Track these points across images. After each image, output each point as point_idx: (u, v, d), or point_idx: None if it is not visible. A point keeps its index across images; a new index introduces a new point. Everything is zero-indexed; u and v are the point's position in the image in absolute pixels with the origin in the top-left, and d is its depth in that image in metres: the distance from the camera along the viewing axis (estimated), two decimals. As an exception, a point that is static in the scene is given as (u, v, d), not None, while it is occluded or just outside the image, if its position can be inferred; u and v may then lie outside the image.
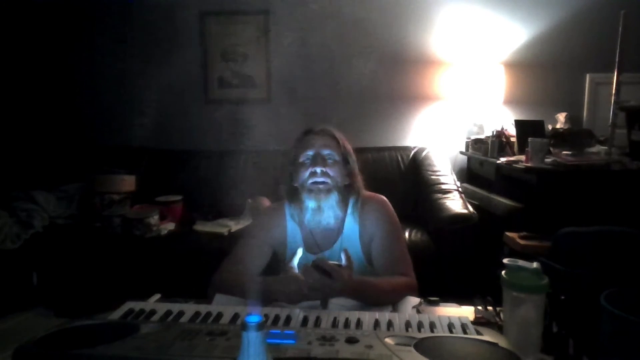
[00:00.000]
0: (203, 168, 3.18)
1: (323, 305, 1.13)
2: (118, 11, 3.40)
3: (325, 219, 1.40)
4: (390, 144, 3.32)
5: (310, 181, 1.39)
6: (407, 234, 2.57)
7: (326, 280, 1.12)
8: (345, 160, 1.45)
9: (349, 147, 1.49)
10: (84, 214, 2.92)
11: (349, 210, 1.44)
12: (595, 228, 1.39)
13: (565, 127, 2.97)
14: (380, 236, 1.41)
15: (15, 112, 3.37)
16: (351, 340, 0.86)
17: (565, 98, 3.24)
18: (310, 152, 1.41)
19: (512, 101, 3.26)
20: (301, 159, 1.42)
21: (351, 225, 1.44)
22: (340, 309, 1.13)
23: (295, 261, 1.23)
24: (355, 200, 1.45)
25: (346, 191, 1.43)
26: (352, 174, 1.45)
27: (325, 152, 1.41)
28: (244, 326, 0.65)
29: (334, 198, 1.39)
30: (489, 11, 3.25)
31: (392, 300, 1.23)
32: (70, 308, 2.31)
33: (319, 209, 1.38)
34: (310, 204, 1.39)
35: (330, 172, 1.39)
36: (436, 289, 1.28)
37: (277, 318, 1.02)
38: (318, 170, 1.38)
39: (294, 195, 1.44)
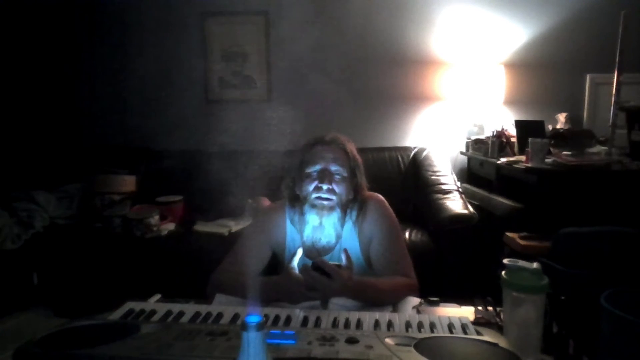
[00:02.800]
0: (203, 168, 3.17)
1: (323, 306, 1.13)
2: (118, 11, 3.40)
3: (325, 236, 1.36)
4: (391, 144, 3.32)
5: (314, 195, 1.35)
6: (407, 234, 2.57)
7: (326, 280, 1.12)
8: (353, 173, 1.41)
9: (359, 158, 1.45)
10: (84, 214, 2.92)
11: (348, 217, 1.42)
12: (595, 228, 1.39)
13: (566, 128, 2.97)
14: (379, 237, 1.40)
15: (15, 113, 3.37)
16: (351, 341, 0.86)
17: (566, 98, 3.24)
18: (318, 166, 1.37)
19: (512, 101, 3.27)
20: (308, 170, 1.38)
21: (350, 228, 1.43)
22: (341, 309, 1.13)
23: (295, 261, 1.22)
24: (357, 209, 1.42)
25: (348, 202, 1.41)
26: (357, 187, 1.41)
27: (334, 167, 1.37)
28: (244, 326, 0.65)
29: (336, 215, 1.35)
30: (489, 11, 3.26)
31: (392, 300, 1.23)
32: (70, 308, 2.31)
33: (320, 225, 1.35)
34: (312, 219, 1.35)
35: (337, 188, 1.36)
36: (436, 289, 1.28)
37: (277, 318, 1.02)
38: (324, 187, 1.34)
39: (296, 201, 1.42)
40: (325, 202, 1.35)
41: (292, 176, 1.43)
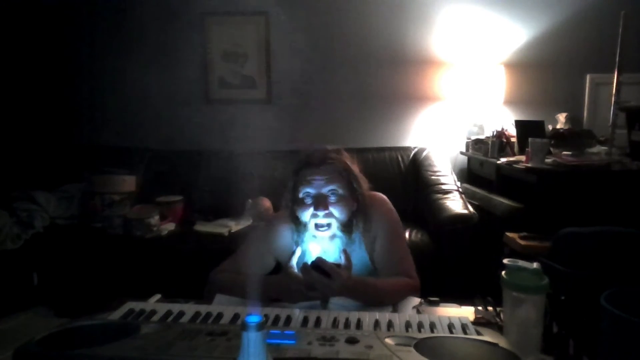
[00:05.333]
0: (203, 168, 3.18)
1: (323, 305, 1.13)
2: (118, 11, 3.40)
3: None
4: (391, 144, 3.32)
5: (312, 222, 1.28)
6: (407, 234, 2.56)
7: (325, 280, 1.12)
8: (351, 186, 1.33)
9: (354, 167, 1.37)
10: (84, 214, 2.92)
11: (354, 227, 1.35)
12: (595, 228, 1.39)
13: (566, 128, 2.96)
14: (382, 237, 1.38)
15: (15, 112, 3.37)
16: (351, 341, 0.86)
17: (566, 98, 3.24)
18: (310, 191, 1.29)
19: (513, 101, 3.27)
20: (301, 195, 1.30)
21: (357, 238, 1.38)
22: (341, 309, 1.13)
23: (294, 261, 1.22)
24: (362, 219, 1.36)
25: (352, 215, 1.34)
26: (358, 196, 1.35)
27: (327, 189, 1.29)
28: (244, 326, 0.65)
29: (339, 240, 1.29)
30: (489, 11, 3.25)
31: (392, 300, 1.22)
32: (70, 308, 2.31)
33: (324, 254, 1.26)
34: (314, 249, 1.27)
35: (335, 211, 1.28)
36: (436, 289, 1.28)
37: (277, 318, 1.02)
38: (320, 213, 1.27)
39: (297, 222, 1.34)
40: (324, 231, 1.28)
41: (289, 197, 1.36)
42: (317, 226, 1.29)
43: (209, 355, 0.80)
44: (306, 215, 1.30)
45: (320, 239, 1.29)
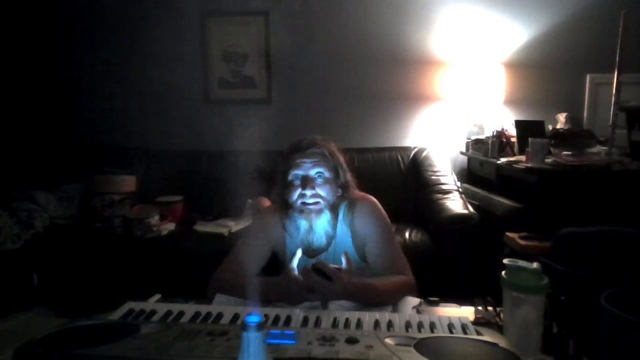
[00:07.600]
0: (203, 168, 3.17)
1: (323, 306, 1.13)
2: (118, 11, 3.40)
3: (317, 239, 1.39)
4: (391, 144, 3.32)
5: (300, 202, 1.38)
6: (407, 234, 2.57)
7: (326, 283, 1.12)
8: (336, 173, 1.43)
9: (340, 157, 1.46)
10: (84, 214, 2.92)
11: (340, 216, 1.44)
12: (595, 228, 1.39)
13: (566, 128, 2.97)
14: (373, 239, 1.41)
15: (15, 112, 3.37)
16: (351, 341, 0.86)
17: (566, 98, 3.24)
18: (298, 172, 1.39)
19: (513, 101, 3.27)
20: (290, 178, 1.40)
21: (343, 228, 1.44)
22: (340, 309, 1.13)
23: (295, 262, 1.23)
24: (346, 206, 1.44)
25: (337, 201, 1.43)
26: (343, 185, 1.44)
27: (314, 171, 1.39)
28: (244, 326, 0.65)
29: (325, 218, 1.38)
30: (489, 11, 3.26)
31: (392, 300, 1.23)
32: (70, 308, 2.31)
33: (310, 229, 1.38)
34: (302, 224, 1.38)
35: (321, 191, 1.38)
36: (436, 289, 1.28)
37: (277, 318, 1.02)
38: (308, 193, 1.36)
39: (286, 208, 1.43)
40: (311, 207, 1.37)
41: (280, 187, 1.44)
42: (304, 204, 1.37)
43: (209, 355, 0.80)
44: (294, 195, 1.38)
45: (306, 214, 1.37)
